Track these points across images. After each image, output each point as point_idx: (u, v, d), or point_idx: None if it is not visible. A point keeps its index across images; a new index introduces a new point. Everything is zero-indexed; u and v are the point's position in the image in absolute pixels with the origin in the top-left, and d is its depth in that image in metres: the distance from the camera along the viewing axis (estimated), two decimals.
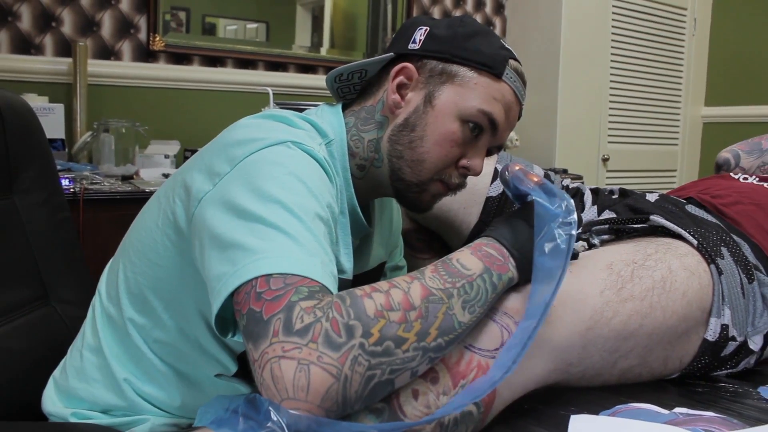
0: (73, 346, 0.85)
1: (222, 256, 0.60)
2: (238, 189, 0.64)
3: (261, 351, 0.53)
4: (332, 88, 0.87)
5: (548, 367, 0.69)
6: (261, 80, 2.30)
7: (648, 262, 0.79)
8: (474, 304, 0.61)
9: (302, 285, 0.55)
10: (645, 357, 0.77)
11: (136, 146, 1.98)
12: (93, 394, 0.78)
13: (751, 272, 0.86)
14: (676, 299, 0.77)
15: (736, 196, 1.04)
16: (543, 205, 0.66)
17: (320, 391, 0.50)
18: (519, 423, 0.67)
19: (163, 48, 2.15)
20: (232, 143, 0.70)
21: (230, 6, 2.38)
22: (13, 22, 1.93)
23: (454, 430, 0.60)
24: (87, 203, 1.53)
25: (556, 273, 0.61)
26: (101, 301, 0.82)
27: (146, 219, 0.79)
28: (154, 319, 0.76)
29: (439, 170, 0.80)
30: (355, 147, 0.83)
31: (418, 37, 0.82)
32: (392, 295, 0.56)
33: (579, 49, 2.74)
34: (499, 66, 0.79)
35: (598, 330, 0.71)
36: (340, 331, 0.52)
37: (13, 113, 1.02)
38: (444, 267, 0.62)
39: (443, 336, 0.57)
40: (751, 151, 1.28)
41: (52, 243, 1.06)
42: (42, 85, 1.97)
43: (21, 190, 1.02)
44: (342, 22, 2.65)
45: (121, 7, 2.10)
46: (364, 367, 0.52)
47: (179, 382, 0.77)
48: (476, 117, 0.78)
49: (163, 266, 0.74)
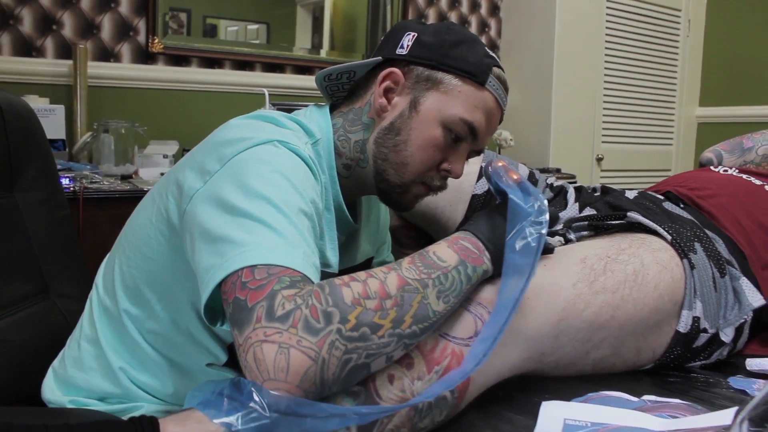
0: (72, 338, 0.88)
1: (211, 249, 0.64)
2: (227, 186, 0.68)
3: (245, 336, 0.56)
4: (321, 86, 0.90)
5: (522, 355, 0.72)
6: (258, 81, 2.33)
7: (621, 256, 0.82)
8: (448, 294, 0.64)
9: (284, 275, 0.59)
10: (617, 347, 0.80)
11: (136, 146, 2.00)
12: (90, 382, 0.82)
13: (723, 267, 0.89)
14: (648, 292, 0.80)
15: (714, 189, 1.07)
16: (517, 203, 0.69)
17: (299, 372, 0.54)
18: (493, 409, 0.70)
19: (162, 50, 2.18)
20: (222, 142, 0.74)
21: (231, 7, 2.40)
22: (14, 25, 1.97)
23: (429, 413, 0.63)
24: (86, 201, 1.56)
25: (525, 270, 0.65)
26: (98, 294, 0.85)
27: (141, 216, 0.83)
28: (148, 311, 0.79)
29: (422, 173, 0.83)
30: (342, 147, 0.86)
31: (406, 43, 0.85)
32: (369, 284, 0.60)
33: (573, 50, 2.77)
34: (483, 74, 0.83)
35: (571, 321, 0.74)
36: (318, 317, 0.56)
37: (14, 114, 1.05)
38: (420, 259, 0.66)
39: (418, 323, 0.61)
40: (732, 150, 1.31)
41: (52, 240, 1.09)
42: (43, 86, 1.99)
43: (22, 189, 1.06)
44: (342, 23, 2.67)
45: (121, 10, 2.13)
46: (341, 351, 0.56)
47: (172, 371, 0.81)
48: (458, 125, 0.82)
49: (157, 260, 0.78)
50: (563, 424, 0.66)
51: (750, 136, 1.32)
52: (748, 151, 1.30)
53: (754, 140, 1.30)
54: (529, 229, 0.67)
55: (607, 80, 2.89)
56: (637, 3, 2.94)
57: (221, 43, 2.34)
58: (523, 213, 0.68)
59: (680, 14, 3.10)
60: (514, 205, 0.69)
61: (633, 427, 0.65)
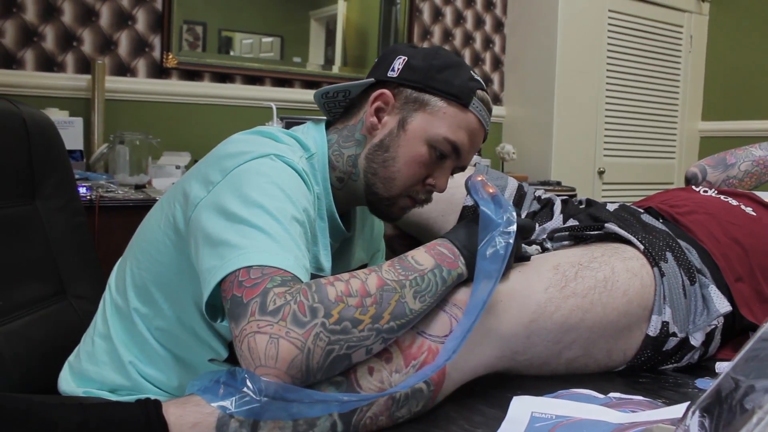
0: (86, 334, 0.95)
1: (212, 252, 0.71)
2: (227, 195, 0.75)
3: (241, 328, 0.63)
4: (320, 103, 0.98)
5: (495, 353, 0.78)
6: (267, 96, 2.42)
7: (593, 263, 0.88)
8: (425, 295, 0.71)
9: (276, 275, 0.66)
10: (588, 348, 0.86)
11: (149, 157, 2.08)
12: (102, 375, 0.89)
13: (694, 275, 0.94)
14: (617, 297, 0.86)
15: (693, 206, 1.13)
16: (487, 214, 0.76)
17: (287, 360, 0.61)
18: (468, 402, 0.77)
19: (176, 65, 2.28)
20: (224, 156, 0.81)
21: (245, 21, 2.46)
22: (38, 42, 2.07)
23: (405, 404, 0.70)
24: (102, 209, 1.64)
25: (493, 275, 0.71)
26: (111, 294, 0.92)
27: (151, 222, 0.90)
28: (156, 309, 0.86)
29: (408, 187, 0.90)
30: (336, 161, 0.93)
31: (396, 66, 0.92)
32: (351, 284, 0.67)
33: (574, 66, 2.84)
34: (467, 97, 0.89)
35: (542, 322, 0.80)
36: (305, 312, 0.62)
37: (36, 127, 1.13)
38: (399, 262, 0.72)
39: (395, 320, 0.67)
40: (716, 165, 1.37)
41: (69, 245, 1.17)
42: (63, 99, 2.09)
43: (42, 197, 1.13)
44: (354, 37, 2.70)
45: (137, 27, 2.23)
46: (325, 342, 0.62)
47: (177, 366, 0.88)
48: (441, 144, 0.88)
49: (164, 262, 0.85)
50: (530, 416, 0.72)
51: (733, 152, 1.38)
52: (731, 166, 1.36)
53: (737, 156, 1.36)
54: (498, 239, 0.73)
55: (608, 95, 2.95)
56: (639, 20, 3.01)
57: (232, 59, 2.42)
58: (493, 223, 0.75)
59: (682, 30, 3.16)
60: (485, 217, 0.76)
61: (593, 419, 0.71)
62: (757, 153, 1.34)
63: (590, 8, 2.87)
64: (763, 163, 1.32)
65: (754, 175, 1.33)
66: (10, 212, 1.06)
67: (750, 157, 1.34)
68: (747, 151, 1.36)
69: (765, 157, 1.33)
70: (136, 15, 2.21)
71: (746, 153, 1.35)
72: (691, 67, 3.21)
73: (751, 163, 1.34)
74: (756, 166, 1.33)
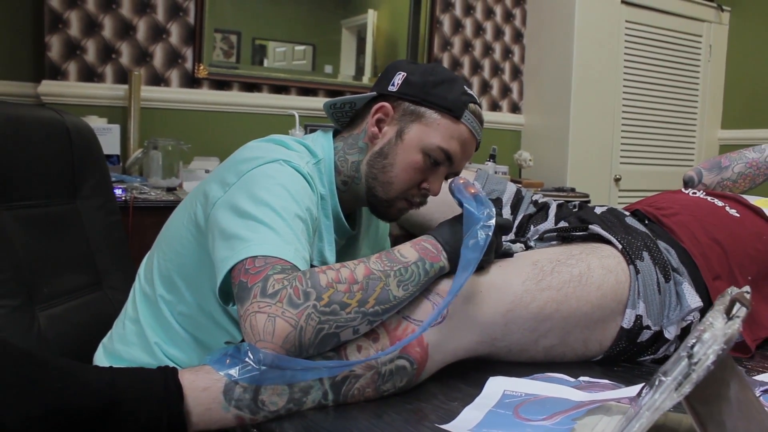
0: (118, 319, 1.07)
1: (225, 244, 0.82)
2: (240, 195, 0.86)
3: (245, 308, 0.74)
4: (329, 113, 1.09)
5: (475, 339, 0.87)
6: (291, 104, 2.53)
7: (570, 260, 0.96)
8: (408, 284, 0.80)
9: (277, 264, 0.76)
10: (564, 337, 0.94)
11: (181, 162, 2.18)
12: (131, 354, 1.00)
13: (669, 273, 1.01)
14: (591, 291, 0.94)
15: (678, 209, 1.19)
16: (471, 210, 0.85)
17: (282, 336, 0.71)
18: (449, 381, 0.86)
19: (207, 76, 2.42)
20: (240, 160, 0.93)
21: (278, 30, 2.56)
22: (80, 55, 2.23)
23: (390, 378, 0.79)
24: (136, 210, 1.76)
25: (472, 262, 0.80)
26: (140, 283, 1.04)
27: (176, 219, 1.02)
28: (179, 296, 0.98)
29: (404, 191, 1.00)
30: (341, 166, 1.03)
31: (396, 81, 1.02)
32: (341, 272, 0.77)
33: (590, 75, 2.90)
34: (459, 110, 0.99)
35: (518, 312, 0.89)
36: (299, 295, 0.73)
37: (78, 134, 1.26)
38: (386, 255, 0.82)
39: (380, 305, 0.77)
40: (711, 168, 1.43)
41: (105, 241, 1.29)
42: (102, 108, 2.23)
43: (82, 197, 1.26)
44: (384, 46, 2.76)
45: (171, 40, 2.37)
46: (316, 322, 0.73)
47: (197, 347, 0.99)
48: (435, 152, 0.99)
49: (186, 255, 0.96)
50: (503, 393, 0.81)
51: (727, 156, 1.44)
52: (725, 169, 1.42)
53: (731, 159, 1.42)
54: (479, 232, 0.83)
55: (625, 104, 3.00)
56: (657, 30, 3.05)
57: (260, 69, 2.55)
58: (475, 218, 0.84)
59: (701, 40, 3.19)
60: (469, 213, 0.85)
61: (557, 397, 0.79)
62: (750, 155, 1.40)
63: (606, 20, 2.93)
64: (756, 165, 1.38)
65: (747, 177, 1.39)
66: (54, 210, 1.19)
67: (743, 160, 1.40)
68: (741, 154, 1.42)
69: (758, 159, 1.39)
70: (170, 29, 2.36)
71: (740, 155, 1.41)
72: (710, 76, 3.23)
73: (745, 165, 1.40)
74: (749, 168, 1.39)
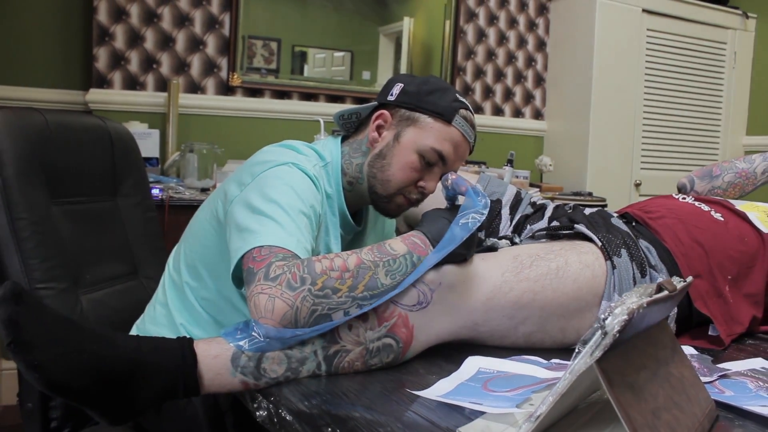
0: (149, 303, 1.21)
1: (239, 236, 0.95)
2: (253, 193, 0.99)
3: (250, 290, 0.86)
4: (338, 122, 1.21)
5: (457, 323, 0.98)
6: (318, 110, 2.66)
7: (549, 255, 1.05)
8: (395, 273, 0.91)
9: (280, 252, 0.89)
10: (542, 325, 1.03)
11: (215, 164, 2.32)
12: (160, 334, 1.13)
13: (645, 269, 1.10)
14: (567, 284, 1.03)
15: (664, 212, 1.27)
16: (473, 197, 0.97)
17: (279, 314, 0.83)
18: (433, 360, 0.96)
19: (240, 84, 2.57)
20: (255, 163, 1.06)
21: (317, 37, 2.67)
22: (124, 65, 2.41)
23: (377, 354, 0.90)
24: (171, 208, 1.92)
25: (458, 239, 0.92)
26: (169, 271, 1.18)
27: (200, 215, 1.16)
28: (202, 283, 1.11)
29: (401, 188, 1.12)
30: (347, 168, 1.16)
31: (394, 91, 1.15)
32: (335, 261, 0.88)
33: (611, 83, 2.95)
34: (450, 115, 1.10)
35: (497, 300, 0.99)
36: (296, 279, 0.85)
37: (119, 138, 1.41)
38: (377, 247, 0.93)
39: (368, 291, 0.88)
40: (703, 177, 1.50)
41: (142, 235, 1.44)
42: (143, 114, 2.40)
43: (122, 195, 1.42)
44: (420, 53, 2.83)
45: (207, 51, 2.54)
46: (310, 303, 0.84)
47: (217, 328, 1.11)
48: (429, 153, 1.10)
49: (209, 246, 1.10)
50: (477, 370, 0.91)
51: (719, 164, 1.50)
52: (716, 178, 1.48)
53: (722, 168, 1.49)
54: (473, 215, 0.94)
55: (646, 110, 3.04)
56: (679, 37, 3.09)
57: (289, 78, 2.69)
58: (474, 204, 0.96)
59: (725, 47, 3.20)
60: (468, 200, 0.97)
61: (525, 374, 0.89)
62: (740, 165, 1.46)
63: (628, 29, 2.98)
64: (745, 175, 1.44)
65: (737, 186, 1.46)
66: (97, 206, 1.35)
67: (733, 169, 1.47)
68: (731, 164, 1.48)
69: (747, 170, 1.45)
70: (207, 40, 2.52)
71: (731, 165, 1.48)
72: (735, 82, 3.24)
73: (734, 175, 1.46)
74: (738, 178, 1.45)
